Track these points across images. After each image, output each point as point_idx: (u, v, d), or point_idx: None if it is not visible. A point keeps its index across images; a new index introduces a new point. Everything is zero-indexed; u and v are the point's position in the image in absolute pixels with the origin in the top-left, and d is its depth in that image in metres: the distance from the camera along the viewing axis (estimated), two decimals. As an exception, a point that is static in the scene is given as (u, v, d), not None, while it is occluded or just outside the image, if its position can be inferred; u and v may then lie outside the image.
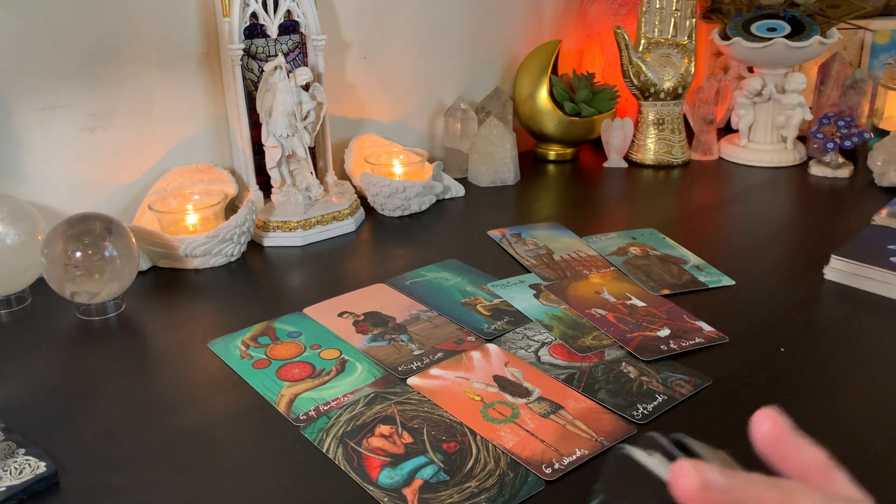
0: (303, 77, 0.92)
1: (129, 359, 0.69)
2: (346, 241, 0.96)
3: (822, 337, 0.71)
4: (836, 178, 1.16)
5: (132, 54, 0.90)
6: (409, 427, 0.58)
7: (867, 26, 1.31)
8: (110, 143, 0.90)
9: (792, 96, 1.20)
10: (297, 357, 0.68)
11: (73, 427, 0.59)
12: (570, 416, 0.59)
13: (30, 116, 0.84)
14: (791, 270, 0.85)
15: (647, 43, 1.24)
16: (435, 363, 0.66)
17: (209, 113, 0.98)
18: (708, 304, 0.77)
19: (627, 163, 1.26)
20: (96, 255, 0.72)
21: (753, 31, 1.18)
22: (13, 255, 0.75)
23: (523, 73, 1.26)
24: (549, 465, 0.53)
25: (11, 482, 0.51)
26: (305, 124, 0.94)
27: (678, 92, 1.23)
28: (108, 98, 0.89)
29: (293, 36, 0.98)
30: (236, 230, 0.87)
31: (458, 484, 0.51)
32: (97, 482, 0.53)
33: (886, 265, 0.78)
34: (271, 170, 0.95)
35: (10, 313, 0.78)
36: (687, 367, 0.65)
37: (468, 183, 1.16)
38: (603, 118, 1.24)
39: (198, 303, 0.80)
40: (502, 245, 0.92)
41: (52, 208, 0.87)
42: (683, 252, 0.90)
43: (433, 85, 1.21)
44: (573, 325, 0.73)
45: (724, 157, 1.28)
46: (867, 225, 0.92)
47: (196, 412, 0.61)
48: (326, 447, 0.55)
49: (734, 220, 1.02)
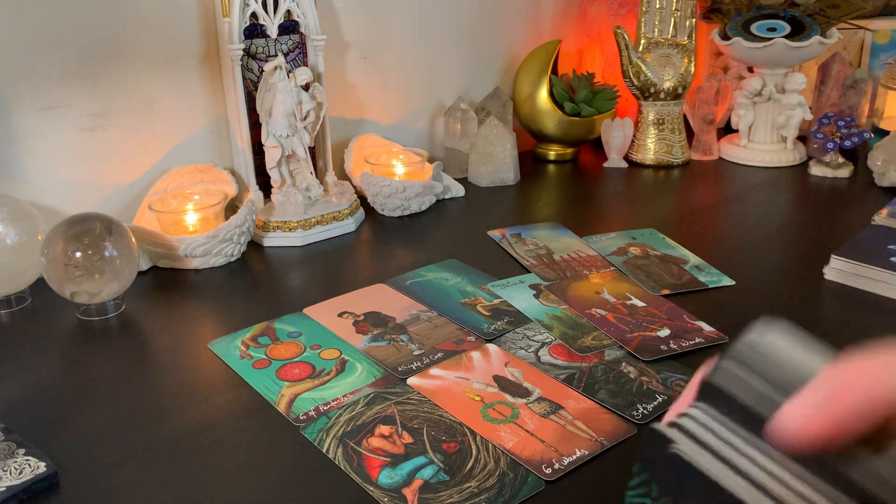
0: (303, 77, 0.92)
1: (128, 359, 0.69)
2: (346, 241, 0.96)
3: (822, 337, 0.70)
4: (836, 178, 1.16)
5: (132, 54, 0.90)
6: (409, 427, 0.58)
7: (867, 26, 1.31)
8: (110, 143, 0.90)
9: (792, 96, 1.20)
10: (297, 357, 0.68)
11: (73, 427, 0.59)
12: (570, 417, 0.59)
13: (30, 116, 0.84)
14: (791, 270, 0.85)
15: (647, 43, 1.24)
16: (435, 363, 0.66)
17: (209, 113, 0.98)
18: (708, 304, 0.77)
19: (627, 163, 1.26)
20: (96, 256, 0.72)
21: (753, 31, 1.18)
22: (13, 255, 0.75)
23: (523, 73, 1.26)
24: (549, 465, 0.53)
25: (11, 482, 0.51)
26: (305, 124, 0.94)
27: (678, 92, 1.23)
28: (108, 98, 0.89)
29: (293, 36, 0.98)
30: (236, 230, 0.87)
31: (458, 484, 0.51)
32: (97, 482, 0.53)
33: (886, 265, 0.78)
34: (271, 170, 0.95)
35: (10, 313, 0.78)
36: (687, 367, 0.65)
37: (468, 183, 1.16)
38: (603, 118, 1.24)
39: (198, 303, 0.80)
40: (502, 245, 0.92)
41: (52, 208, 0.87)
42: (683, 252, 0.90)
43: (433, 85, 1.21)
44: (573, 326, 0.73)
45: (724, 157, 1.28)
46: (867, 225, 0.92)
47: (196, 412, 0.61)
48: (326, 447, 0.56)
49: (734, 220, 1.02)
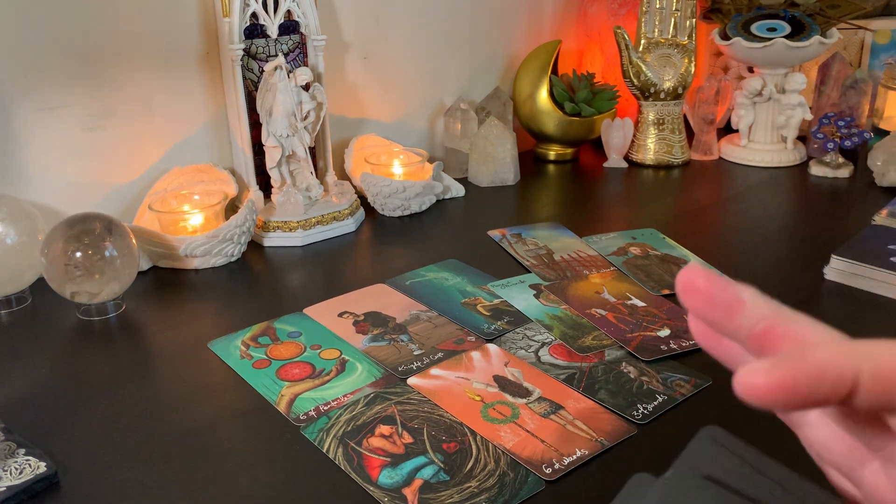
0: (303, 77, 0.92)
1: (129, 359, 0.69)
2: (346, 241, 0.96)
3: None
4: (836, 178, 1.16)
5: (132, 54, 0.90)
6: (409, 427, 0.58)
7: (867, 26, 1.31)
8: (110, 143, 0.90)
9: (792, 96, 1.20)
10: (298, 357, 0.68)
11: (74, 427, 0.59)
12: (570, 416, 0.59)
13: (30, 116, 0.84)
14: (791, 270, 0.85)
15: (647, 43, 1.24)
16: (435, 363, 0.66)
17: (209, 113, 0.98)
18: (708, 304, 0.77)
19: (627, 163, 1.26)
20: (96, 255, 0.72)
21: (753, 31, 1.18)
22: (13, 255, 0.75)
23: (523, 73, 1.26)
24: (549, 465, 0.53)
25: (11, 482, 0.51)
26: (305, 124, 0.94)
27: (678, 92, 1.23)
28: (108, 98, 0.89)
29: (293, 36, 0.98)
30: (236, 230, 0.87)
31: (458, 484, 0.51)
32: (97, 482, 0.53)
33: (886, 265, 0.78)
34: (271, 170, 0.95)
35: (10, 313, 0.78)
36: (687, 367, 0.65)
37: (468, 183, 1.16)
38: (603, 118, 1.24)
39: (198, 303, 0.80)
40: (502, 245, 0.92)
41: (52, 208, 0.87)
42: (683, 252, 0.90)
43: (433, 85, 1.21)
44: (573, 325, 0.73)
45: (724, 157, 1.28)
46: (867, 225, 0.92)
47: (196, 412, 0.61)
48: (326, 447, 0.55)
49: (734, 220, 1.02)
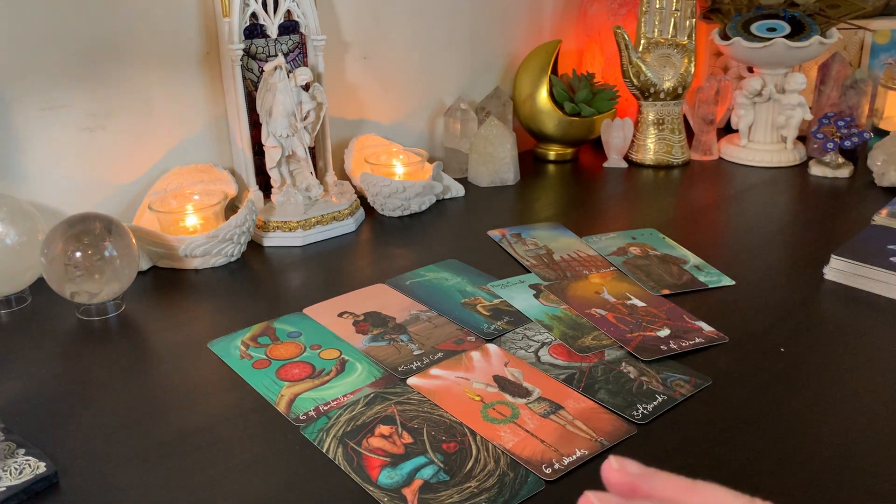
0: (303, 77, 0.92)
1: (129, 359, 0.69)
2: (346, 241, 0.96)
3: (822, 337, 0.71)
4: (836, 178, 1.16)
5: (132, 54, 0.90)
6: (409, 427, 0.58)
7: (867, 26, 1.31)
8: (110, 143, 0.90)
9: (792, 96, 1.20)
10: (297, 357, 0.68)
11: (73, 427, 0.59)
12: (570, 417, 0.59)
13: (30, 116, 0.84)
14: (791, 270, 0.85)
15: (647, 43, 1.24)
16: (435, 363, 0.66)
17: (209, 113, 0.98)
18: (708, 304, 0.77)
19: (627, 163, 1.26)
20: (96, 255, 0.72)
21: (753, 31, 1.18)
22: (13, 255, 0.75)
23: (523, 73, 1.26)
24: (549, 465, 0.53)
25: (11, 482, 0.51)
26: (305, 124, 0.94)
27: (678, 92, 1.23)
28: (108, 98, 0.89)
29: (293, 36, 0.98)
30: (236, 230, 0.87)
31: (458, 484, 0.51)
32: (97, 482, 0.53)
33: (886, 265, 0.78)
34: (271, 170, 0.95)
35: (10, 313, 0.78)
36: (687, 367, 0.65)
37: (468, 183, 1.16)
38: (603, 118, 1.24)
39: (198, 303, 0.80)
40: (502, 245, 0.92)
41: (52, 208, 0.87)
42: (683, 252, 0.90)
43: (433, 85, 1.21)
44: (573, 326, 0.73)
45: (724, 157, 1.28)
46: (867, 225, 0.92)
47: (196, 412, 0.61)
48: (326, 447, 0.56)
49: (734, 220, 1.02)
